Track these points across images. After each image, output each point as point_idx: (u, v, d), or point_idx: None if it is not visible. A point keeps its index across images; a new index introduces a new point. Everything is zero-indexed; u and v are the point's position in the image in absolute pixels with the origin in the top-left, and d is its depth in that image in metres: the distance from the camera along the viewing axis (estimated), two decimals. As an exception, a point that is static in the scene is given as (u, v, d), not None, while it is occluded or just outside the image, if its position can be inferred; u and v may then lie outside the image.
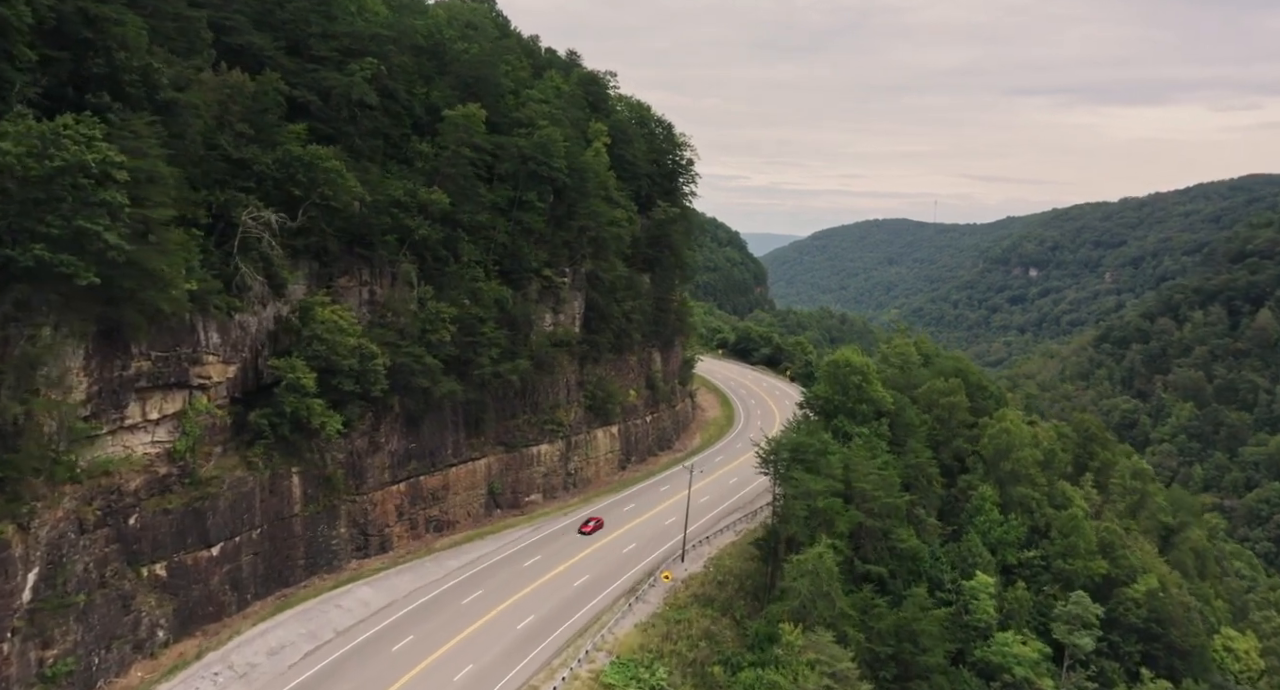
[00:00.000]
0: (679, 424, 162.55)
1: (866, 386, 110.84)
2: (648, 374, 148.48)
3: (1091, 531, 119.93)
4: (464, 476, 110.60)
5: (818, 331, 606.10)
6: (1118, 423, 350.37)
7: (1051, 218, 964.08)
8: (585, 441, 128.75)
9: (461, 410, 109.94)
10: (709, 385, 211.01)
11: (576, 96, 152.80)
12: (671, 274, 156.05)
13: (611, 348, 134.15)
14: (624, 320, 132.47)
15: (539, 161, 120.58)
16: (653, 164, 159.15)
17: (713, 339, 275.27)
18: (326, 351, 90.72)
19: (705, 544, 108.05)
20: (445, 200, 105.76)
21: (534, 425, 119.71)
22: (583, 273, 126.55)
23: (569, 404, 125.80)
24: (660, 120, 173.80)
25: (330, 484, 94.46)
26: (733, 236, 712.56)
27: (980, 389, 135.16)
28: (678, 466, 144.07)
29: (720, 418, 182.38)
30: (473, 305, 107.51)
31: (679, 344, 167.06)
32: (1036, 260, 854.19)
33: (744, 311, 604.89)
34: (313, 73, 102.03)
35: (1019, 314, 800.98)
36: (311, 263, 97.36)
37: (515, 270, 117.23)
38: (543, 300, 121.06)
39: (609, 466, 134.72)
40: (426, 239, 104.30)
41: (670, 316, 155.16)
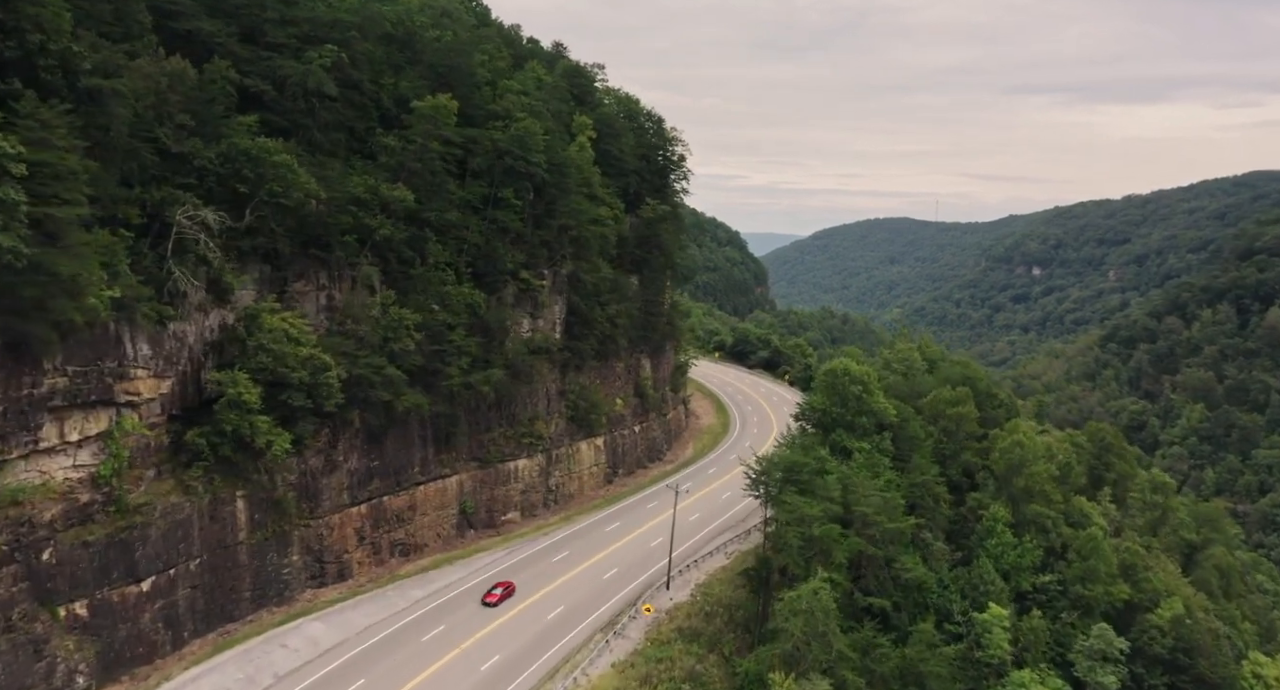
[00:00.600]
0: (671, 433, 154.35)
1: (867, 397, 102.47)
2: (636, 381, 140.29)
3: (1112, 553, 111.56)
4: (433, 496, 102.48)
5: (819, 332, 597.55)
6: (1126, 425, 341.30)
7: (1054, 216, 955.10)
8: (567, 455, 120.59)
9: (430, 424, 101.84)
10: (704, 391, 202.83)
11: (560, 89, 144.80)
12: (661, 275, 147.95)
13: (596, 354, 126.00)
14: (609, 325, 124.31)
15: (515, 156, 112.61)
16: (641, 160, 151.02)
17: (710, 341, 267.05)
18: (273, 363, 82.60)
19: (693, 569, 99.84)
20: (410, 197, 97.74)
21: (510, 439, 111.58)
22: (563, 275, 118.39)
23: (549, 415, 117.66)
24: (650, 114, 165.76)
25: (280, 508, 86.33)
26: (732, 236, 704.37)
27: (989, 397, 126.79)
28: (668, 479, 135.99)
29: (715, 425, 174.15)
30: (441, 311, 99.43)
31: (670, 349, 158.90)
32: (1039, 258, 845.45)
33: (744, 312, 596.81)
34: (267, 61, 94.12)
35: (1022, 313, 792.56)
36: (262, 266, 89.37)
37: (489, 273, 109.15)
38: (519, 305, 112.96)
39: (594, 481, 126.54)
40: (389, 239, 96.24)
41: (660, 320, 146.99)
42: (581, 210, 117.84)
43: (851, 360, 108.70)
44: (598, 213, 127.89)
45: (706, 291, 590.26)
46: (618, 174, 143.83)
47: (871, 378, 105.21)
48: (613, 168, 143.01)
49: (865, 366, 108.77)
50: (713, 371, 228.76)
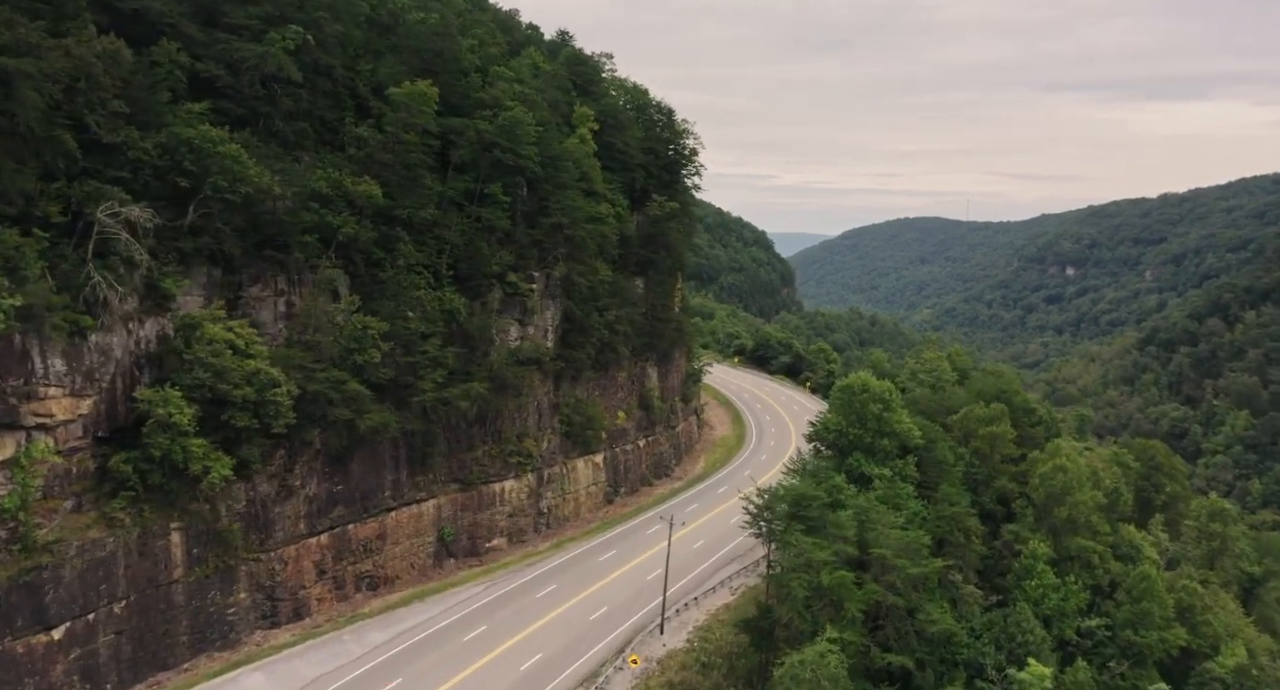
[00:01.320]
0: (680, 447, 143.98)
1: (889, 417, 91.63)
2: (641, 392, 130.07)
3: (1166, 593, 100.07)
4: (406, 522, 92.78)
5: (847, 333, 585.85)
6: (1167, 432, 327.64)
7: (1088, 215, 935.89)
8: (561, 474, 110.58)
9: (403, 443, 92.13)
10: (720, 398, 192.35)
11: (560, 78, 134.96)
12: (670, 277, 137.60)
13: (594, 364, 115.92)
14: (608, 332, 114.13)
15: (503, 148, 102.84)
16: (649, 154, 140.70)
17: (730, 346, 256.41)
18: (212, 379, 73.16)
19: (693, 607, 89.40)
20: (377, 192, 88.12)
21: (496, 458, 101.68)
22: (557, 278, 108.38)
23: (541, 431, 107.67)
24: (660, 106, 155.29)
25: (224, 540, 76.83)
26: (759, 236, 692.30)
27: (1027, 413, 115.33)
28: (676, 498, 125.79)
29: (730, 437, 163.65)
30: (414, 318, 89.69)
31: (681, 356, 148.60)
32: (1073, 258, 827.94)
33: (770, 313, 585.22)
34: (224, 44, 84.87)
35: (1056, 314, 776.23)
36: (211, 269, 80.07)
37: (472, 276, 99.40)
38: (506, 311, 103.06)
39: (591, 502, 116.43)
40: (355, 239, 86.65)
41: (669, 326, 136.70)
42: (577, 207, 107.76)
43: (871, 375, 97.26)
44: (597, 210, 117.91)
45: (731, 292, 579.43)
46: (622, 169, 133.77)
47: (893, 395, 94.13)
48: (616, 162, 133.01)
49: (886, 382, 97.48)
50: (731, 377, 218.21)
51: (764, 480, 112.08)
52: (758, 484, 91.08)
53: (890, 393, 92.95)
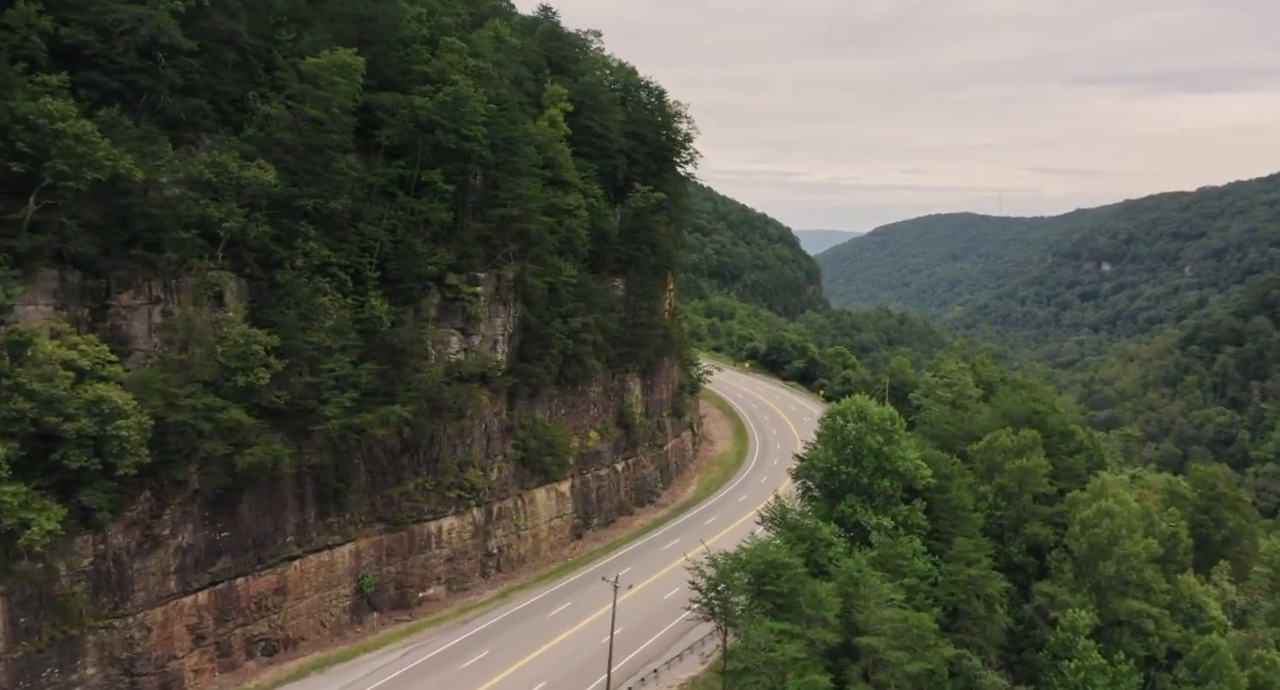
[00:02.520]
0: (669, 468, 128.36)
1: (890, 451, 75.75)
2: (619, 409, 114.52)
3: (1238, 668, 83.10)
4: (314, 572, 77.95)
5: (874, 333, 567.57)
6: (1213, 438, 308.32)
7: (1124, 209, 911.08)
8: (516, 508, 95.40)
9: (310, 479, 77.32)
10: (724, 409, 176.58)
11: (532, 54, 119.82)
12: (657, 277, 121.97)
13: (559, 378, 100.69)
14: (571, 341, 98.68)
15: (445, 128, 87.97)
16: (633, 139, 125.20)
17: (742, 349, 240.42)
18: (37, 409, 58.62)
19: (652, 681, 73.59)
20: (270, 178, 73.21)
21: (432, 492, 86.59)
22: (510, 280, 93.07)
23: (490, 459, 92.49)
24: (649, 86, 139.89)
25: (62, 606, 62.26)
26: (784, 233, 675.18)
27: (1064, 437, 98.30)
28: (658, 531, 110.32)
29: (730, 454, 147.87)
30: (319, 330, 74.72)
31: (671, 366, 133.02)
32: (1109, 254, 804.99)
33: (795, 312, 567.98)
34: (97, 5, 70.40)
35: (1091, 311, 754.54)
36: (66, 273, 65.69)
37: (404, 278, 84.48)
38: (446, 319, 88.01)
39: (555, 538, 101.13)
40: (244, 235, 71.93)
41: (654, 332, 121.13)
42: (531, 196, 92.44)
43: (869, 400, 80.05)
44: (564, 200, 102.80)
45: (755, 291, 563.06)
46: (600, 155, 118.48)
47: (897, 424, 77.24)
48: (594, 148, 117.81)
49: (887, 408, 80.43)
50: (740, 384, 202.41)
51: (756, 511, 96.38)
52: (707, 549, 74.96)
53: (893, 421, 76.24)
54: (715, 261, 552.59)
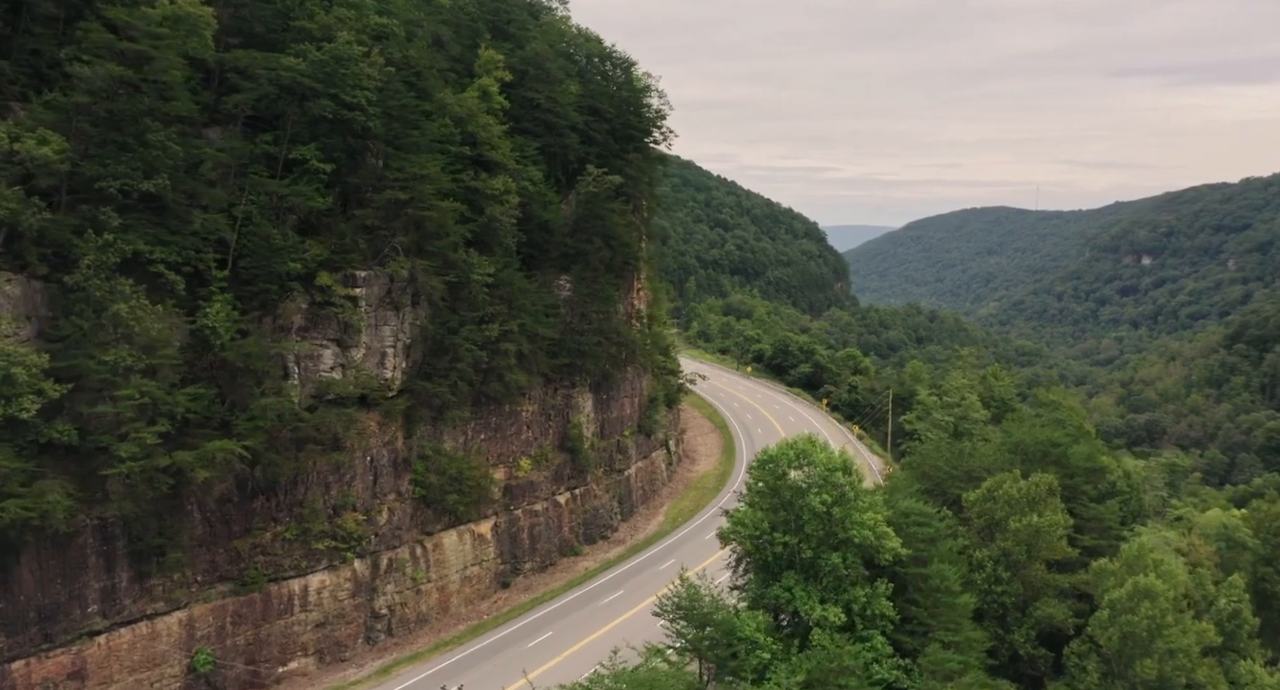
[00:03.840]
0: (633, 496, 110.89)
1: (843, 514, 54.44)
2: (562, 430, 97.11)
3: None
4: (129, 649, 61.33)
5: (902, 331, 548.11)
6: (1263, 445, 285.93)
7: (1165, 201, 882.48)
8: (413, 558, 78.32)
9: (121, 533, 60.77)
10: (716, 420, 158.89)
11: (465, 14, 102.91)
12: (614, 274, 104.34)
13: (476, 398, 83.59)
14: (487, 353, 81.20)
15: (317, 93, 71.34)
16: (591, 115, 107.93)
17: (747, 352, 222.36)
18: None
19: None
20: (50, 152, 56.67)
21: (295, 542, 69.73)
22: (404, 278, 76.00)
23: (378, 498, 75.53)
24: (616, 56, 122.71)
25: None
26: (810, 228, 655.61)
27: (1092, 475, 79.73)
28: (607, 575, 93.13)
29: (711, 475, 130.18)
30: (119, 348, 58.03)
31: (638, 378, 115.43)
32: (1149, 247, 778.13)
33: (821, 309, 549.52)
34: None
35: (1131, 306, 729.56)
36: None
37: (260, 276, 67.77)
38: (317, 328, 71.11)
39: (472, 590, 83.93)
40: (19, 223, 55.62)
41: (609, 339, 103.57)
42: (429, 177, 75.33)
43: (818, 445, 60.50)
44: (489, 184, 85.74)
45: (778, 287, 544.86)
46: (547, 132, 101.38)
47: (853, 480, 58.69)
48: (538, 124, 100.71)
49: (844, 453, 60.63)
50: (740, 391, 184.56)
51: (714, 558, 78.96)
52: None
53: (847, 471, 56.85)
54: (737, 257, 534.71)
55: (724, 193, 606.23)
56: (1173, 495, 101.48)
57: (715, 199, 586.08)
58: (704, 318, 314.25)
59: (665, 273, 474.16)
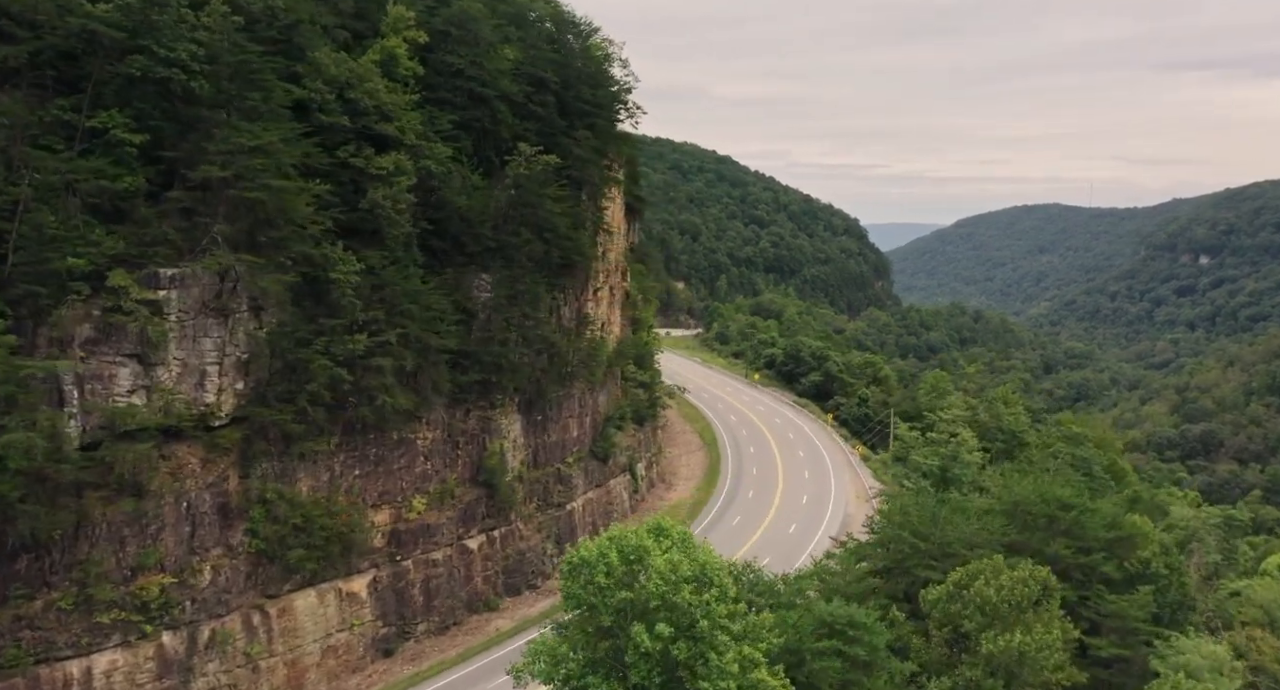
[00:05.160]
0: (579, 533, 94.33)
1: (693, 652, 35.23)
2: (476, 461, 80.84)
3: None
4: None
5: (944, 332, 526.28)
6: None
7: (1224, 198, 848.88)
8: (251, 626, 62.62)
9: None
10: (707, 436, 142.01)
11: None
12: (544, 273, 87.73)
13: (347, 424, 67.77)
14: (348, 370, 65.27)
15: (126, 46, 56.37)
16: (535, 86, 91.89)
17: (759, 358, 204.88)
18: None
19: None
20: None
21: (73, 613, 54.24)
22: (236, 276, 60.30)
23: (199, 554, 59.92)
24: (575, 21, 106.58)
25: None
26: (850, 224, 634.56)
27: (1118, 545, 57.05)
28: (529, 632, 76.59)
29: (686, 503, 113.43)
30: None
31: (590, 393, 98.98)
32: (1208, 246, 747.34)
33: (859, 309, 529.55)
34: None
35: (1188, 307, 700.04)
36: None
37: (29, 275, 52.67)
38: (110, 340, 55.68)
39: (339, 662, 68.01)
40: None
41: (540, 350, 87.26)
42: (257, 149, 59.57)
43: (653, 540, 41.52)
44: (375, 162, 70.18)
45: (815, 286, 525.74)
46: (474, 105, 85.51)
47: (719, 594, 38.25)
48: (459, 93, 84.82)
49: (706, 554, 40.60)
50: (742, 402, 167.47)
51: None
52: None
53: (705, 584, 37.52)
54: (772, 255, 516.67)
55: (760, 188, 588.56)
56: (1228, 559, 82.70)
57: (751, 195, 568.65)
58: (726, 318, 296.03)
59: (695, 271, 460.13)
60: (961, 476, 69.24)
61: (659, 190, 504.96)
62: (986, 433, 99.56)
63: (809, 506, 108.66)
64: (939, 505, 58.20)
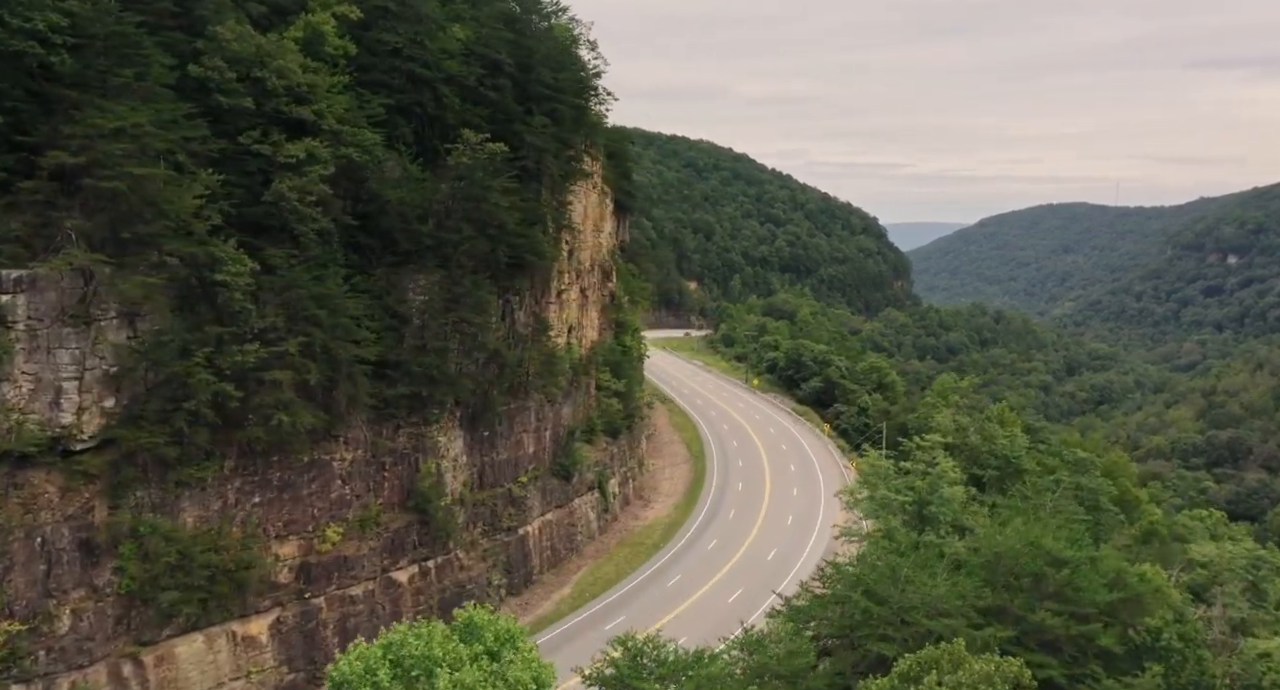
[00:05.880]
0: (533, 560, 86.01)
1: None
2: (407, 483, 72.71)
3: None
4: None
5: (964, 333, 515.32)
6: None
7: (1252, 197, 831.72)
8: (120, 677, 54.52)
9: None
10: (695, 447, 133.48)
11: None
12: (488, 275, 79.35)
13: (244, 446, 59.74)
14: (234, 386, 57.19)
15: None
16: (489, 69, 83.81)
17: (761, 361, 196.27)
18: None
19: None
20: None
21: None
22: (101, 278, 52.33)
23: (57, 597, 51.95)
24: (540, 1, 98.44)
25: None
26: (869, 223, 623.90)
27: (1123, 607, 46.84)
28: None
29: (662, 522, 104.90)
30: None
31: (549, 406, 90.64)
32: (1236, 245, 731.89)
33: (878, 309, 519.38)
34: None
35: (1215, 308, 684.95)
36: None
37: None
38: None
39: (232, 716, 60.17)
40: None
41: (485, 360, 79.04)
42: (120, 132, 51.58)
43: (454, 645, 31.75)
44: (285, 150, 62.25)
45: (831, 286, 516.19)
46: (413, 87, 77.59)
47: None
48: (398, 75, 76.91)
49: (523, 667, 31.60)
50: (738, 409, 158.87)
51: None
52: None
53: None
54: (788, 254, 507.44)
55: (777, 187, 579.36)
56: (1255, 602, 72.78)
57: (768, 193, 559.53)
58: (735, 319, 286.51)
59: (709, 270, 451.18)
60: (939, 514, 59.52)
61: (673, 188, 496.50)
62: (978, 458, 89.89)
63: (794, 528, 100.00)
64: (903, 557, 48.94)
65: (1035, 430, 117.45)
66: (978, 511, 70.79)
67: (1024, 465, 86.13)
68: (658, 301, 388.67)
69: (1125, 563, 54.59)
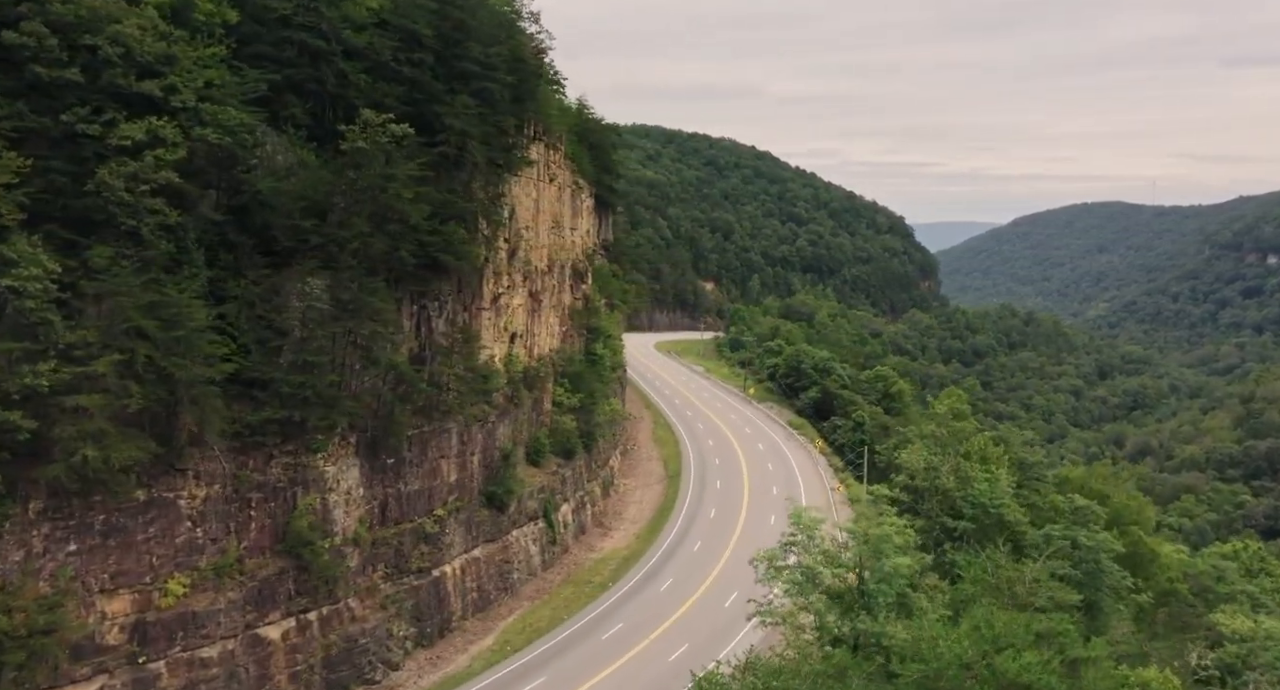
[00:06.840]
0: (452, 606, 75.05)
1: None
2: (280, 522, 62.20)
3: None
4: None
5: (992, 335, 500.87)
6: None
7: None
8: None
9: None
10: (673, 465, 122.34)
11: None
12: (387, 278, 68.78)
13: (51, 487, 49.49)
14: (20, 414, 46.92)
15: None
16: (406, 44, 73.37)
17: (762, 368, 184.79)
18: None
19: None
20: None
21: None
22: None
23: None
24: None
25: None
26: (895, 222, 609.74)
27: None
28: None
29: (618, 554, 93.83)
30: None
31: (469, 428, 79.73)
32: (1276, 244, 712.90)
33: (903, 310, 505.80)
34: None
35: (1254, 309, 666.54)
36: None
37: None
38: None
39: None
40: None
41: (391, 375, 68.48)
42: None
43: None
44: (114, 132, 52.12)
45: (855, 286, 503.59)
46: (307, 61, 67.35)
47: None
48: (289, 47, 66.66)
49: None
50: (728, 422, 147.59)
51: None
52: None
53: None
54: (810, 254, 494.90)
55: (800, 185, 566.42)
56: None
57: (790, 192, 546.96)
58: (747, 321, 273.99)
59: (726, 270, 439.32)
60: (879, 594, 46.88)
61: (691, 187, 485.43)
62: (952, 505, 76.76)
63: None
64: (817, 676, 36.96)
65: (1029, 466, 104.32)
66: (937, 585, 58.76)
67: (1006, 516, 73.13)
68: (672, 302, 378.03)
69: (1124, 672, 42.80)
